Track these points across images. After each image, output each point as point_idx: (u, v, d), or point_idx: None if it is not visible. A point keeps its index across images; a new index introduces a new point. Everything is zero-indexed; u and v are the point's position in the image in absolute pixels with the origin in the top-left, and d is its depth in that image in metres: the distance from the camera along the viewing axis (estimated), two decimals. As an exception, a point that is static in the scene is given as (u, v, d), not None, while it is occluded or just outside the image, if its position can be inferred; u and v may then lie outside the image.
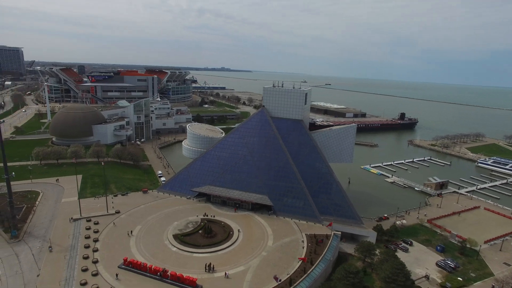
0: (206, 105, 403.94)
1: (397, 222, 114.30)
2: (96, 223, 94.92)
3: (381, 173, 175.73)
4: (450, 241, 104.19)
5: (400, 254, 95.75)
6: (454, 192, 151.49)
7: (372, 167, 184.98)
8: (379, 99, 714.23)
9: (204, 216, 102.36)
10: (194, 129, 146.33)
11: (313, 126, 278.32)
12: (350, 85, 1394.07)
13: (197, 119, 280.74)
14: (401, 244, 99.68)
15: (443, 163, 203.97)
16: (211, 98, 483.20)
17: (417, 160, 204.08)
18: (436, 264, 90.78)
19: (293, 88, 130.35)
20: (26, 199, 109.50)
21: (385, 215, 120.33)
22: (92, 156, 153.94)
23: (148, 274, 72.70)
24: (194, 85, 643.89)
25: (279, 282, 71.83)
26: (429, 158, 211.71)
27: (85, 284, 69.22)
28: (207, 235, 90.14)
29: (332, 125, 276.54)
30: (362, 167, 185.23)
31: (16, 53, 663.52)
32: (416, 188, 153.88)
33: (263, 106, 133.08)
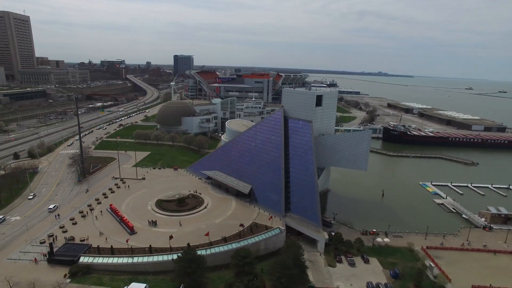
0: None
1: (378, 239, 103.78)
2: (124, 182, 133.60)
3: (436, 192, 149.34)
4: (425, 272, 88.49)
5: (343, 265, 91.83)
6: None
7: (433, 185, 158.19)
8: None
9: (194, 192, 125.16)
10: (231, 124, 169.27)
11: (405, 135, 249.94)
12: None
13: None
14: (351, 257, 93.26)
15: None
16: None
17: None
18: (366, 284, 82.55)
19: (309, 90, 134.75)
20: (105, 161, 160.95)
21: (374, 230, 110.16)
22: (169, 140, 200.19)
23: (115, 216, 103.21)
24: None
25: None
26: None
27: (81, 212, 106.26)
28: (179, 204, 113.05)
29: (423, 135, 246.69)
30: (420, 183, 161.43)
31: (188, 59, 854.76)
32: (463, 216, 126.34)
33: (282, 106, 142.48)
